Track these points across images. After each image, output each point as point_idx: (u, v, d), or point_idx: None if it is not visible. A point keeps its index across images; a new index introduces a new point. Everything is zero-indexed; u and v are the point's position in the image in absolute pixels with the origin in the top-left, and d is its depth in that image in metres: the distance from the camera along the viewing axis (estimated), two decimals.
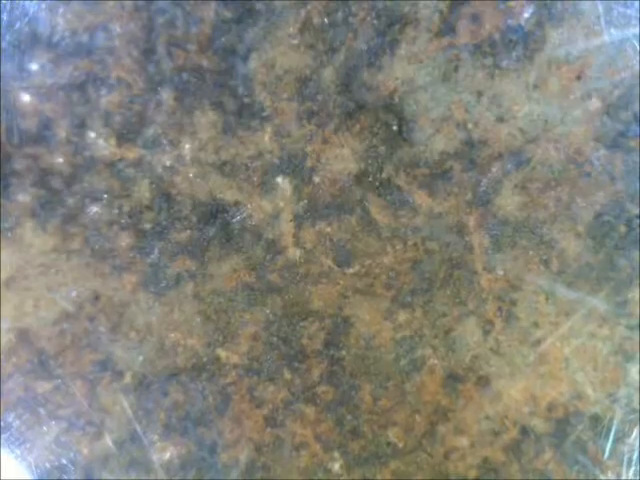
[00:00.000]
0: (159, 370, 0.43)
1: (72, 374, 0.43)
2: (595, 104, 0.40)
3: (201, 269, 0.43)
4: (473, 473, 0.42)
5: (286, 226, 0.43)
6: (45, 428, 0.43)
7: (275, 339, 0.43)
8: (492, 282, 0.43)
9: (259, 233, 0.43)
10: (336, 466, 0.43)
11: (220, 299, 0.43)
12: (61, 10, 0.40)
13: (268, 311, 0.43)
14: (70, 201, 0.43)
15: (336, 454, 0.43)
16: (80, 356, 0.43)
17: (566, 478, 0.42)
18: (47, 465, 0.42)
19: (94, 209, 0.42)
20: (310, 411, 0.43)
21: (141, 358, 0.43)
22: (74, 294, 0.43)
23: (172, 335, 0.43)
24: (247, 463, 0.43)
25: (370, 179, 0.42)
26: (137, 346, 0.43)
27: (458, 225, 0.43)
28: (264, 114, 0.42)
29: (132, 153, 0.42)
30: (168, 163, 0.42)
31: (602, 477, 0.42)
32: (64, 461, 0.42)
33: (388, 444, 0.43)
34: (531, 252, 0.43)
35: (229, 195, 0.43)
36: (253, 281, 0.43)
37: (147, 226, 0.43)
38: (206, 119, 0.41)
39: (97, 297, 0.43)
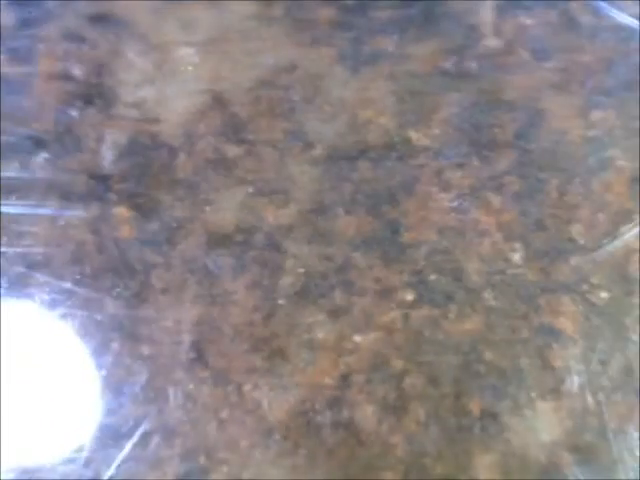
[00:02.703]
0: (349, 145, 0.43)
1: (263, 141, 0.43)
2: None
3: (399, 49, 0.43)
4: None
5: (487, 14, 0.43)
6: (232, 191, 0.43)
7: (467, 125, 0.43)
8: None
9: (460, 19, 0.43)
10: (516, 256, 0.43)
11: (415, 81, 0.43)
12: None
13: (462, 97, 0.43)
14: None
15: (517, 245, 0.43)
16: (273, 124, 0.43)
17: None
18: (232, 226, 0.43)
19: None
20: (495, 200, 0.43)
21: (333, 131, 0.43)
22: (272, 62, 0.43)
23: (365, 112, 0.43)
24: (429, 245, 0.43)
25: None
26: (330, 119, 0.43)
27: None
28: None
29: None
30: None
31: None
32: (249, 225, 0.43)
33: (570, 240, 0.43)
34: None
35: None
36: (450, 66, 0.43)
37: (350, 1, 0.43)
38: None
39: (294, 67, 0.43)
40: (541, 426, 0.42)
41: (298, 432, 0.42)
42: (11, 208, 0.43)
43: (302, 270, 0.43)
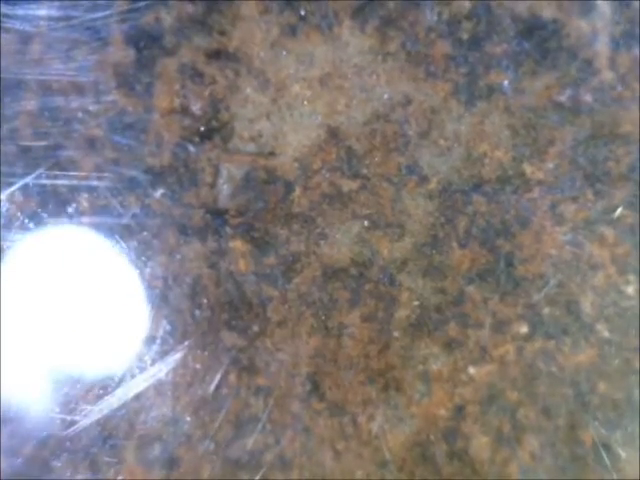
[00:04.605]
0: (464, 179, 0.43)
1: (378, 175, 0.43)
2: None
3: (514, 83, 0.43)
4: None
5: (602, 48, 0.43)
6: (348, 225, 0.43)
7: (581, 159, 0.43)
8: None
9: (575, 52, 0.43)
10: (630, 289, 0.43)
11: (530, 114, 0.43)
12: None
13: (577, 131, 0.43)
14: (391, 4, 0.43)
15: (631, 277, 0.43)
16: (388, 158, 0.43)
17: None
18: (348, 260, 0.43)
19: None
20: (609, 233, 0.43)
21: (447, 165, 0.43)
22: (386, 96, 0.43)
23: (480, 146, 0.43)
24: (543, 278, 0.43)
25: None
26: (444, 153, 0.43)
27: None
28: None
29: None
30: None
31: None
32: (364, 258, 0.43)
33: None
34: None
35: (548, 12, 0.43)
36: (564, 100, 0.43)
37: (464, 36, 0.43)
38: None
39: (409, 101, 0.43)
40: None
41: (413, 463, 0.43)
42: (126, 244, 0.43)
43: (417, 303, 0.43)
